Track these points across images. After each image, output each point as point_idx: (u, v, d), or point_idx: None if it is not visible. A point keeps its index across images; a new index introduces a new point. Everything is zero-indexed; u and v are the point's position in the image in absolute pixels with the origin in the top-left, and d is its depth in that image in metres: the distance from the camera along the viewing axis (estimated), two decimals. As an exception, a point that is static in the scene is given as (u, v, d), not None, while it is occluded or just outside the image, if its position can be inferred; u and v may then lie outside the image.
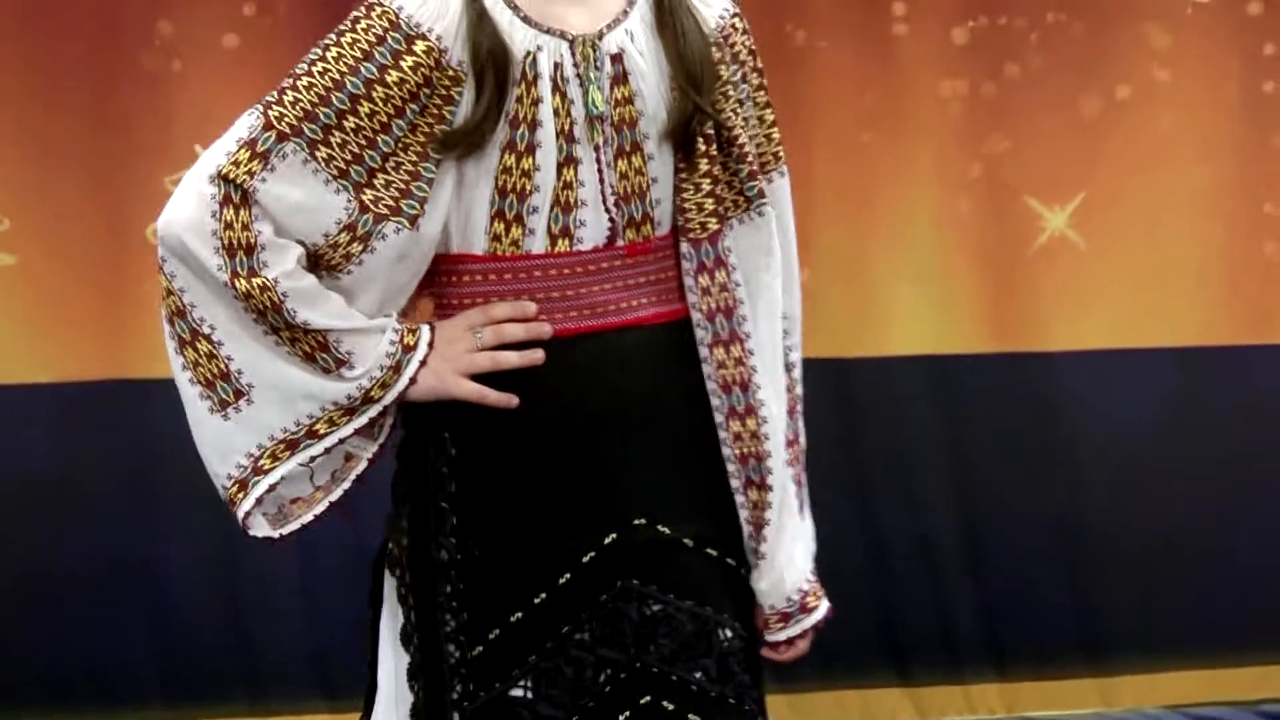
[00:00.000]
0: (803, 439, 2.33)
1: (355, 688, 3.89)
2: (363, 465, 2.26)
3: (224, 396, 2.19)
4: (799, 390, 2.33)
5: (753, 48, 2.29)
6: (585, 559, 2.20)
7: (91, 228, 3.94)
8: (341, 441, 2.23)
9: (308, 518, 2.24)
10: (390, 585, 2.27)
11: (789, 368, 2.31)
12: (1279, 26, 4.04)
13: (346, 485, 2.25)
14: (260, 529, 2.22)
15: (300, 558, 3.93)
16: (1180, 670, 4.10)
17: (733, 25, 2.27)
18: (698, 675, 2.23)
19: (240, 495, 2.22)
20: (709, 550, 2.25)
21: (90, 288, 3.94)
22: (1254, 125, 4.08)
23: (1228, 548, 4.06)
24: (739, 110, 2.27)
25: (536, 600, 2.20)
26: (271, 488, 2.22)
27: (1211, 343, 4.09)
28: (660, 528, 2.22)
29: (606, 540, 2.21)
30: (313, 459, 2.22)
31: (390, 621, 2.28)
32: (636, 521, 2.21)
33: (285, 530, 2.25)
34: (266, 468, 2.21)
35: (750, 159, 2.27)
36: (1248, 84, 4.06)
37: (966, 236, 4.08)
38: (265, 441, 2.21)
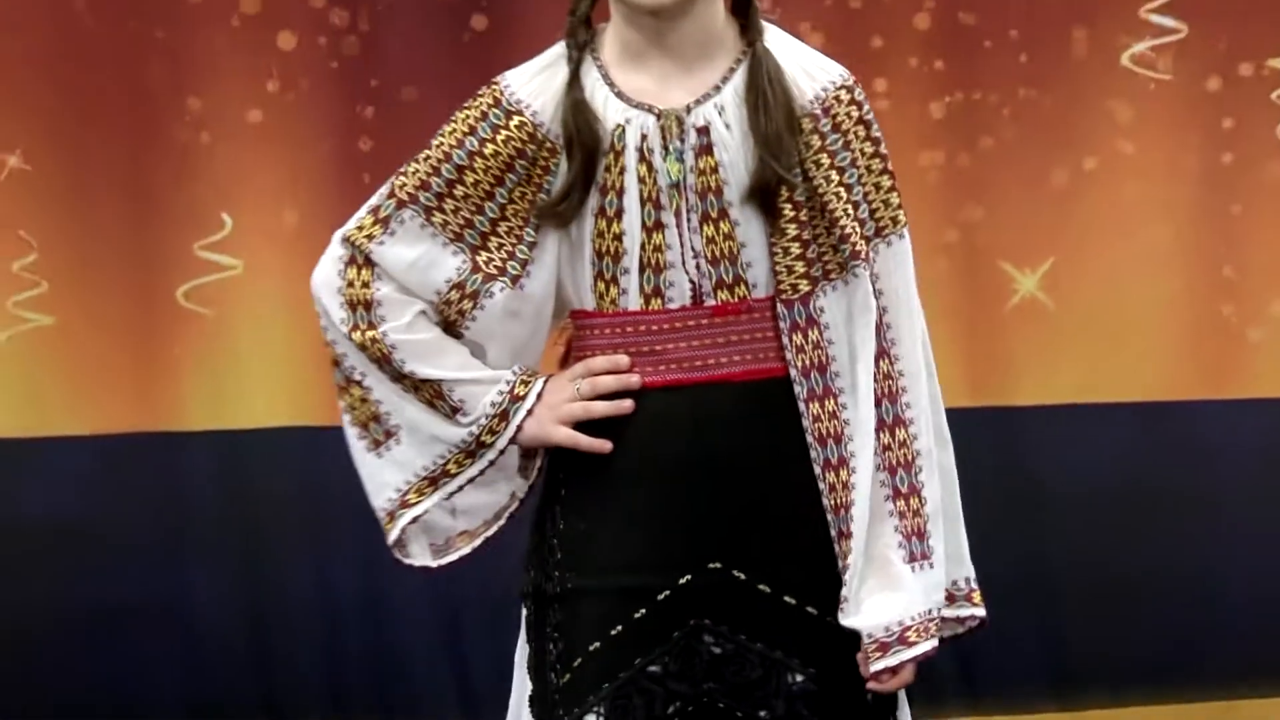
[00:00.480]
0: (925, 491, 2.28)
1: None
2: (515, 505, 2.36)
3: (377, 436, 2.30)
4: (919, 444, 2.27)
5: (864, 118, 2.28)
6: (660, 596, 2.24)
7: (125, 290, 3.99)
8: (473, 480, 2.31)
9: (466, 549, 2.34)
10: (524, 616, 2.34)
11: (906, 422, 2.28)
12: (1237, 101, 4.09)
13: (502, 523, 2.34)
14: (420, 558, 2.33)
15: (319, 597, 3.99)
16: (1144, 705, 4.09)
17: (836, 97, 2.27)
18: (763, 714, 2.26)
19: (390, 526, 2.32)
20: (787, 598, 2.26)
21: (124, 346, 4.00)
22: (1213, 194, 4.12)
23: (1186, 588, 4.07)
24: (834, 177, 2.26)
25: (613, 632, 2.24)
26: (414, 520, 2.31)
27: (1172, 398, 4.12)
28: (735, 573, 2.24)
29: (681, 580, 2.24)
30: (450, 495, 2.31)
31: (521, 651, 2.34)
32: (712, 565, 2.24)
33: (444, 560, 2.34)
34: (412, 501, 2.31)
35: (843, 224, 2.25)
36: (1207, 155, 4.10)
37: (944, 297, 4.04)
38: (410, 478, 2.30)
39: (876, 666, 2.20)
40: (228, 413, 4.06)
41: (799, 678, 2.25)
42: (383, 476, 2.30)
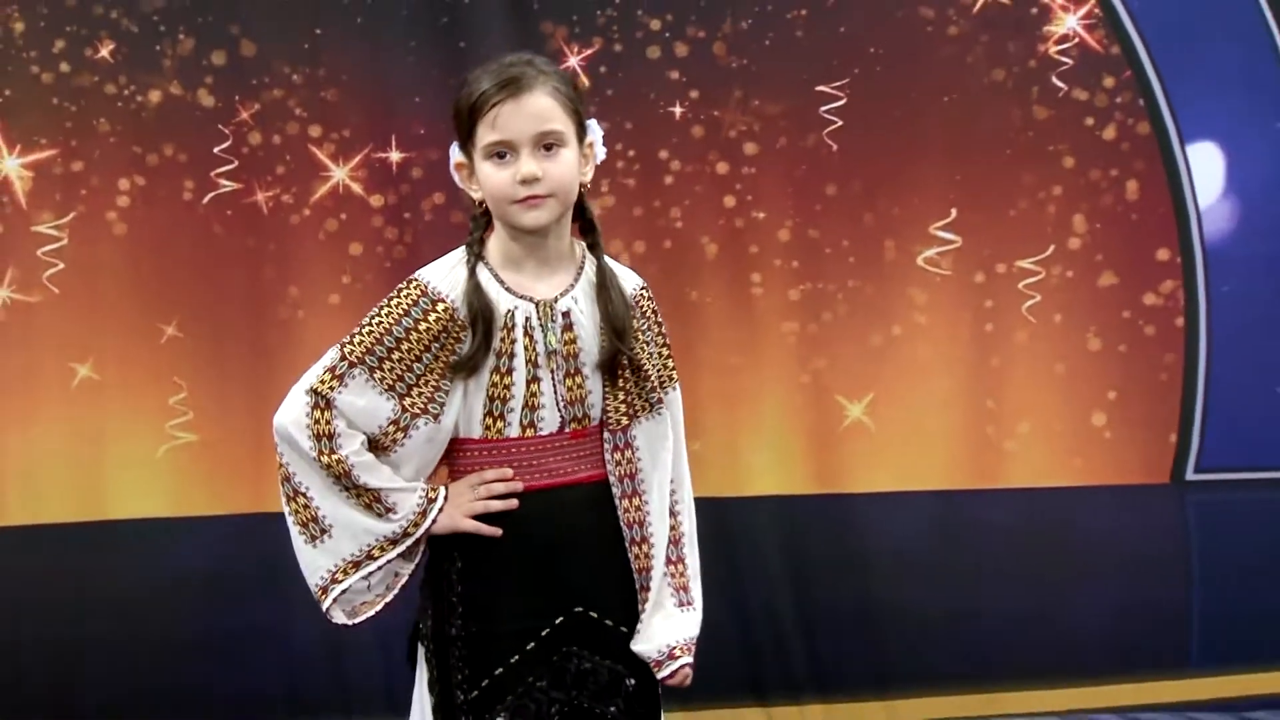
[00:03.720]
0: (689, 559, 2.69)
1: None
2: (405, 579, 2.71)
3: (313, 533, 2.63)
4: (683, 529, 2.67)
5: (655, 308, 2.70)
6: (543, 633, 2.64)
7: (245, 417, 4.56)
8: (389, 561, 2.65)
9: (370, 614, 2.73)
10: (421, 650, 2.72)
11: (676, 514, 2.69)
12: (995, 289, 4.64)
13: (395, 592, 2.72)
14: (339, 619, 2.70)
15: (377, 629, 3.59)
16: (929, 695, 4.67)
17: (642, 294, 2.69)
18: (612, 709, 2.67)
19: (323, 597, 2.68)
20: (622, 628, 2.68)
21: (244, 455, 4.56)
22: (979, 352, 4.67)
23: (968, 618, 4.67)
24: (644, 348, 2.66)
25: (512, 660, 2.63)
26: (343, 592, 2.65)
27: (953, 488, 4.68)
28: (591, 613, 2.66)
29: (557, 621, 2.65)
30: (369, 574, 2.65)
31: (420, 675, 2.71)
32: (576, 609, 2.66)
33: (357, 620, 2.71)
34: (340, 579, 2.64)
35: (652, 379, 2.66)
36: (975, 327, 4.66)
37: (799, 420, 4.62)
38: (339, 562, 2.64)
39: (662, 674, 2.67)
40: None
41: (631, 681, 2.70)
42: (317, 562, 2.65)
